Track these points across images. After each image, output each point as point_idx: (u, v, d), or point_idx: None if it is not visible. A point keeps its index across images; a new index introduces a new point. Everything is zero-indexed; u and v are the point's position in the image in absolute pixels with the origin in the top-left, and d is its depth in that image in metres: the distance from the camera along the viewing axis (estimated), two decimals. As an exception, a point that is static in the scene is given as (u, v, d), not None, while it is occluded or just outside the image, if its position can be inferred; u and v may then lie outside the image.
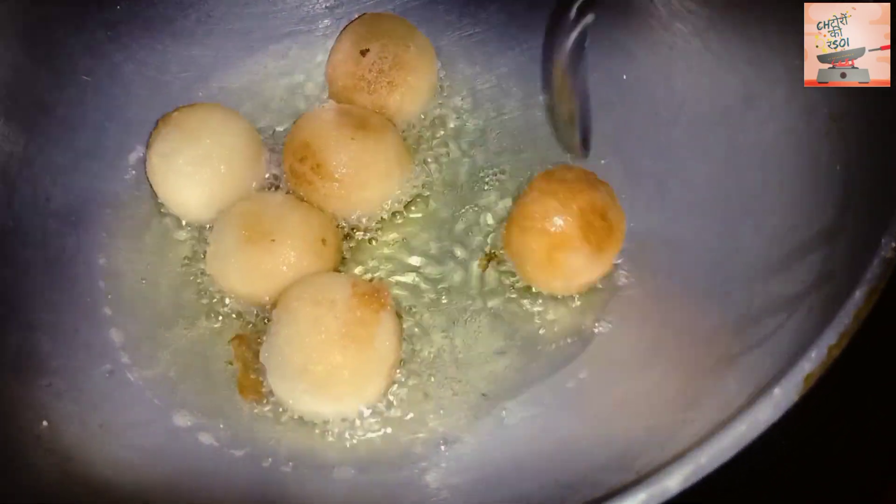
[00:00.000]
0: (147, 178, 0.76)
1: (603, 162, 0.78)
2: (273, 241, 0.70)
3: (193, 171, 0.74)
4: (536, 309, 0.73)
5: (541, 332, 0.73)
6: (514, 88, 0.84)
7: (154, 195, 0.77)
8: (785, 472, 0.67)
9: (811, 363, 0.45)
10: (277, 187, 0.78)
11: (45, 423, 0.62)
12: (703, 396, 0.56)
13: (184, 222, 0.78)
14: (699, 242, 0.70)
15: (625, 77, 0.79)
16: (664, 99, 0.76)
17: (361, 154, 0.74)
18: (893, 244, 0.48)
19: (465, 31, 0.87)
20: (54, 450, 0.62)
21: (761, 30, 0.67)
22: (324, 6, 0.88)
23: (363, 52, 0.79)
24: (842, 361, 0.47)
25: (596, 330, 0.72)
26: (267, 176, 0.79)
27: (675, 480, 0.43)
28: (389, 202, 0.78)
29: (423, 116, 0.83)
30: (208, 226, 0.76)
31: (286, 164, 0.76)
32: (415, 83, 0.80)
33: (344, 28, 0.83)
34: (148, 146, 0.76)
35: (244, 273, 0.71)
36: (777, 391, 0.45)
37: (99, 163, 0.78)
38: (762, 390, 0.46)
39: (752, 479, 0.64)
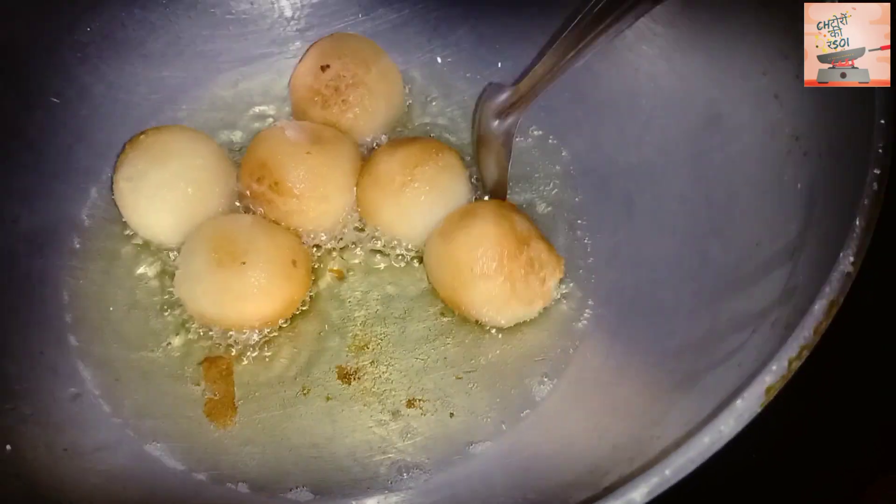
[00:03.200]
0: (115, 201, 0.76)
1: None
2: (244, 263, 0.69)
3: (160, 194, 0.73)
4: (500, 330, 0.74)
5: (506, 350, 0.73)
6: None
7: (122, 218, 0.76)
8: (756, 483, 0.68)
9: (772, 375, 0.46)
10: (247, 208, 0.77)
11: (8, 447, 0.61)
12: (670, 413, 0.56)
13: (152, 245, 0.77)
14: (667, 260, 0.70)
15: (592, 98, 0.80)
16: (630, 119, 0.76)
17: (318, 167, 0.75)
18: (851, 259, 0.48)
19: (436, 53, 0.88)
20: (20, 474, 0.61)
21: (726, 51, 0.68)
22: (294, 28, 0.88)
23: (323, 68, 0.80)
24: (807, 373, 0.47)
25: (562, 349, 0.72)
26: (237, 199, 0.78)
27: (640, 493, 0.43)
28: (352, 215, 0.78)
29: (384, 136, 0.83)
30: (177, 249, 0.76)
31: (244, 185, 0.76)
32: (370, 105, 0.80)
33: (313, 43, 0.84)
34: (115, 169, 0.75)
35: (214, 296, 0.70)
36: (739, 403, 0.45)
37: (67, 185, 0.78)
38: (725, 403, 0.46)
39: (723, 488, 0.64)
